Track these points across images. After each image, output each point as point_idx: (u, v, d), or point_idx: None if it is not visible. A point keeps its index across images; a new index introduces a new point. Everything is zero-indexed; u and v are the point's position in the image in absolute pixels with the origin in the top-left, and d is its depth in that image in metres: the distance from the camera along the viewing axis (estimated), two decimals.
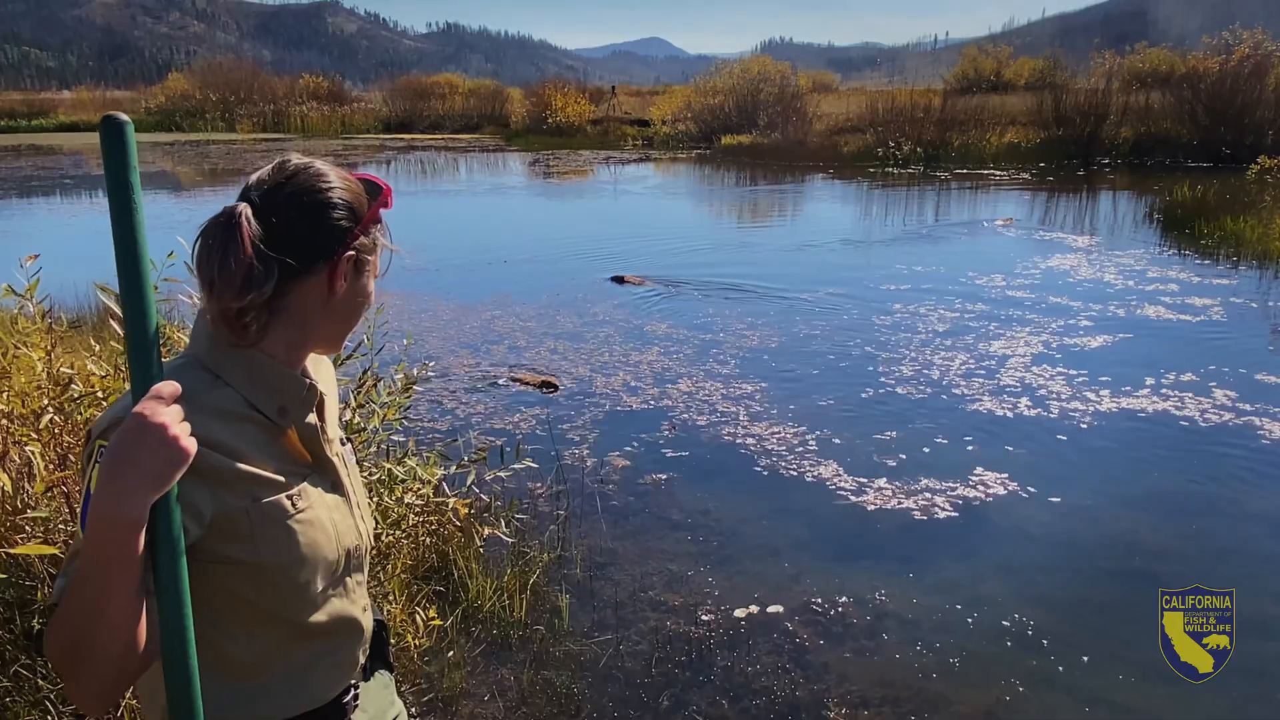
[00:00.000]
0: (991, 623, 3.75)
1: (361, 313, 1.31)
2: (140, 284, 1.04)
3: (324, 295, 1.24)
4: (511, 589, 3.82)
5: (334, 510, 1.28)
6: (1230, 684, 3.22)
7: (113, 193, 1.02)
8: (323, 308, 1.25)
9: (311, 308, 1.24)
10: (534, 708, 3.22)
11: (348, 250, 1.23)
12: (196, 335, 1.24)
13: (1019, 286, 9.91)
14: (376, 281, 1.34)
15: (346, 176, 1.25)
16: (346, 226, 1.23)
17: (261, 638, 1.22)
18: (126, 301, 1.04)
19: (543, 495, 4.90)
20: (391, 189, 1.32)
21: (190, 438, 1.07)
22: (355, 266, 1.26)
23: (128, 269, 1.04)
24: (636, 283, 10.45)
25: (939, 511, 4.70)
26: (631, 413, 6.23)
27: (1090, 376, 6.75)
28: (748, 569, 4.22)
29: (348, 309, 1.28)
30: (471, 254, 12.12)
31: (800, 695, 3.30)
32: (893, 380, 6.79)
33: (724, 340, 7.96)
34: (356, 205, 1.24)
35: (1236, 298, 9.24)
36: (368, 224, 1.26)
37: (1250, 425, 5.75)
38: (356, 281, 1.28)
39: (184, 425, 1.06)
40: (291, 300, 1.21)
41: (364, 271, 1.29)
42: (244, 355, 1.21)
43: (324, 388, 1.35)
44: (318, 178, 1.21)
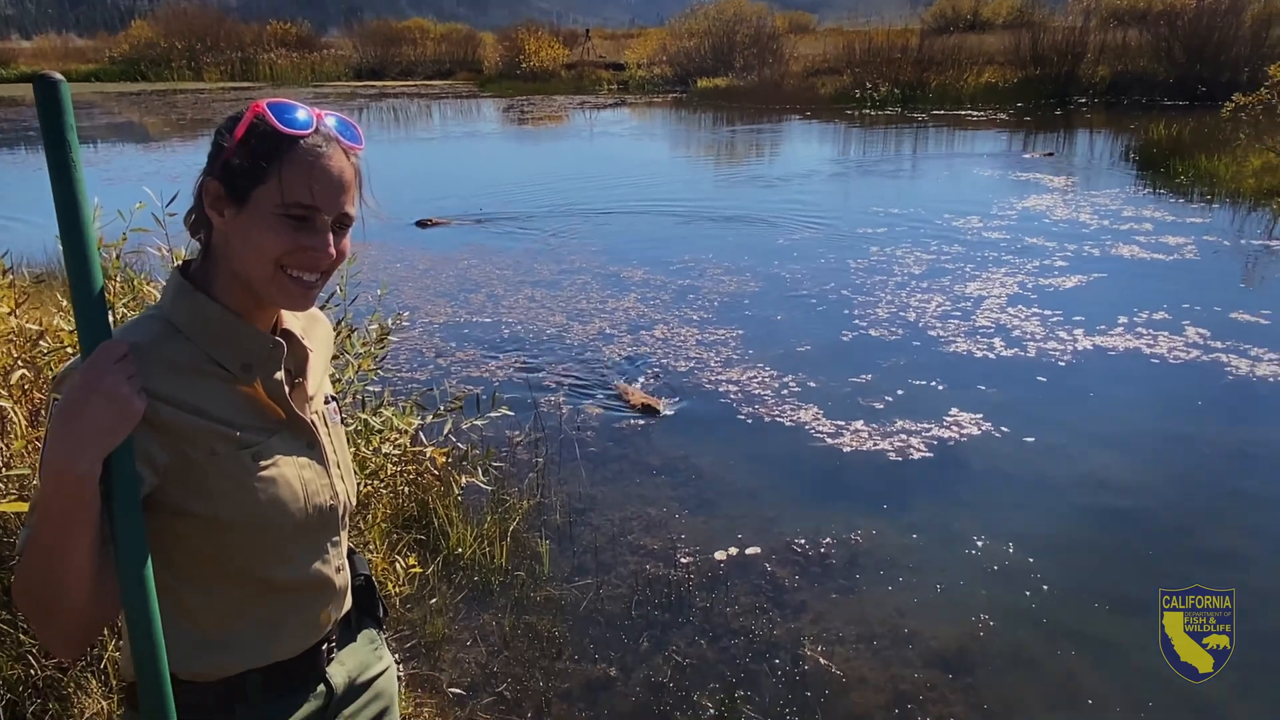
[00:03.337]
0: (965, 560, 3.81)
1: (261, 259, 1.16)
2: (83, 242, 1.03)
3: (219, 229, 1.18)
4: (492, 536, 3.85)
5: (304, 469, 1.27)
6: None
7: (50, 152, 1.01)
8: (224, 244, 1.19)
9: (216, 242, 1.20)
10: (516, 651, 3.27)
11: (212, 175, 1.17)
12: (164, 289, 1.23)
13: (995, 227, 9.92)
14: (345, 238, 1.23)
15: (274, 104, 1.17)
16: (215, 151, 1.17)
17: (225, 592, 1.22)
18: (70, 260, 1.03)
19: (521, 443, 4.91)
20: (266, 109, 1.15)
21: (140, 393, 1.06)
22: (234, 198, 1.16)
23: (69, 228, 1.03)
24: (441, 224, 10.54)
25: (914, 452, 4.75)
26: (608, 359, 6.23)
27: (1064, 316, 6.80)
28: (726, 512, 4.26)
29: (242, 248, 1.17)
30: (447, 203, 11.98)
31: (777, 634, 3.36)
32: (869, 323, 6.82)
33: (701, 286, 7.94)
34: (236, 130, 1.16)
35: (1210, 236, 9.30)
36: (234, 148, 1.15)
37: (1219, 362, 5.82)
38: (240, 215, 1.16)
39: (133, 381, 1.05)
40: (207, 234, 1.21)
41: (249, 206, 1.16)
42: (203, 307, 1.19)
43: (313, 345, 1.34)
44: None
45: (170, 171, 10.05)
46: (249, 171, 1.15)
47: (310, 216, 1.17)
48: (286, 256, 1.17)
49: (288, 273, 1.18)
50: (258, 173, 1.15)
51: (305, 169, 1.16)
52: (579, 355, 6.32)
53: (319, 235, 1.18)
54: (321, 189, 1.16)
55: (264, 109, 1.16)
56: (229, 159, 1.15)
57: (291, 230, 1.16)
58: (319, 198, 1.16)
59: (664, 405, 5.34)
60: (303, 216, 1.17)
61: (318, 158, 1.17)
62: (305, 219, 1.17)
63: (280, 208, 1.15)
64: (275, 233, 1.16)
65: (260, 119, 1.15)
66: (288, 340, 1.27)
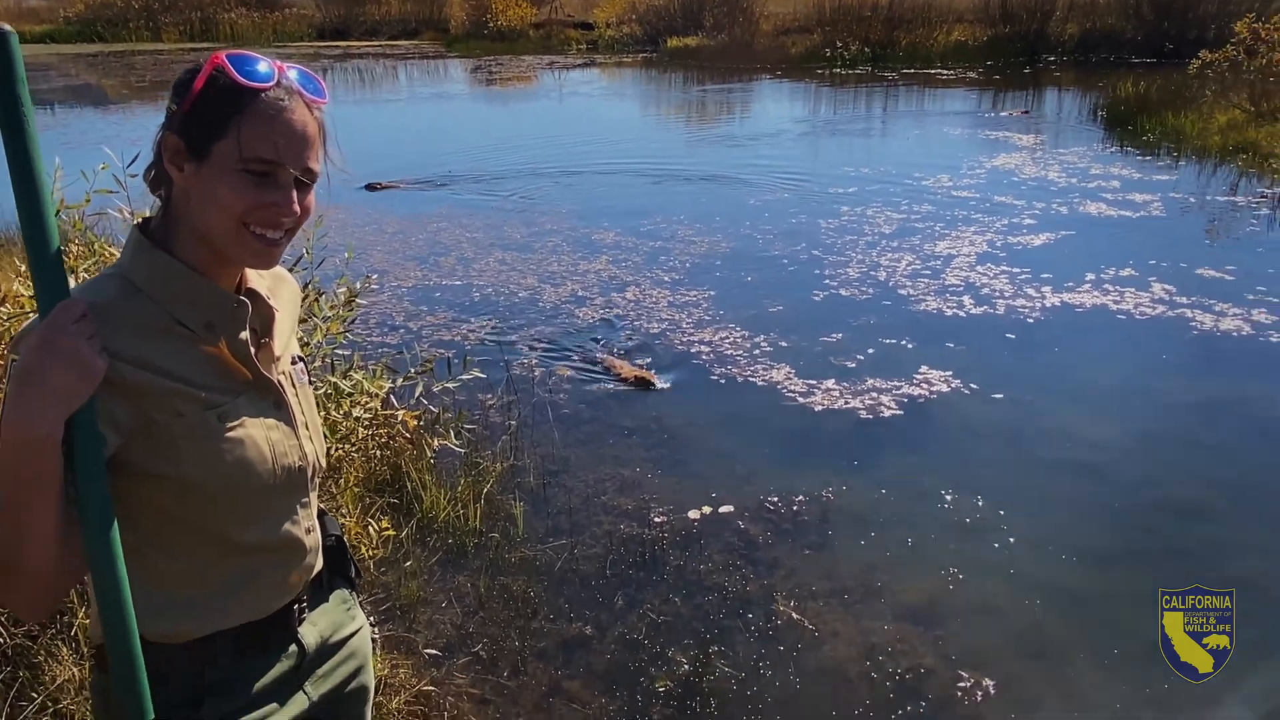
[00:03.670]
0: (934, 514, 3.87)
1: (223, 216, 1.13)
2: (38, 201, 1.01)
3: (179, 185, 1.16)
4: (465, 499, 3.85)
5: (271, 430, 1.25)
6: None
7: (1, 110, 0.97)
8: (184, 201, 1.16)
9: (176, 199, 1.17)
10: (491, 612, 3.28)
11: (170, 129, 1.14)
12: (123, 248, 1.20)
13: (965, 186, 9.95)
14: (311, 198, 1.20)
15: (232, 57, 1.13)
16: (174, 104, 1.14)
17: (193, 553, 1.21)
18: (25, 220, 1.01)
19: (494, 406, 4.90)
20: (226, 61, 1.12)
21: (101, 353, 1.04)
22: (194, 153, 1.13)
23: (24, 187, 1.00)
24: (391, 187, 10.42)
25: (885, 410, 4.79)
26: (581, 322, 6.21)
27: (1033, 274, 6.85)
28: (699, 472, 4.28)
29: (203, 205, 1.14)
30: (411, 165, 11.81)
31: (750, 590, 3.40)
32: (840, 283, 6.83)
33: (672, 247, 7.92)
34: (194, 83, 1.12)
35: (1176, 193, 9.38)
36: (193, 101, 1.11)
37: (1185, 318, 5.90)
38: (200, 171, 1.13)
39: (93, 341, 1.03)
40: (167, 190, 1.18)
41: (209, 161, 1.12)
42: (164, 265, 1.16)
43: (279, 305, 1.32)
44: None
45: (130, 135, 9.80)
46: (208, 125, 1.12)
47: (272, 172, 1.14)
48: (249, 214, 1.14)
49: (251, 230, 1.15)
50: (217, 127, 1.12)
51: (266, 123, 1.12)
52: (551, 318, 6.29)
53: (282, 191, 1.15)
54: (284, 143, 1.13)
55: (223, 61, 1.12)
56: (188, 112, 1.12)
57: (253, 186, 1.13)
58: (281, 152, 1.13)
59: (658, 379, 5.21)
60: (264, 172, 1.14)
61: (279, 111, 1.13)
62: (267, 175, 1.14)
63: (241, 163, 1.12)
64: (237, 189, 1.13)
65: (219, 71, 1.12)
66: (252, 299, 1.25)
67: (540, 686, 2.93)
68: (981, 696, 2.86)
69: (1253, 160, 10.51)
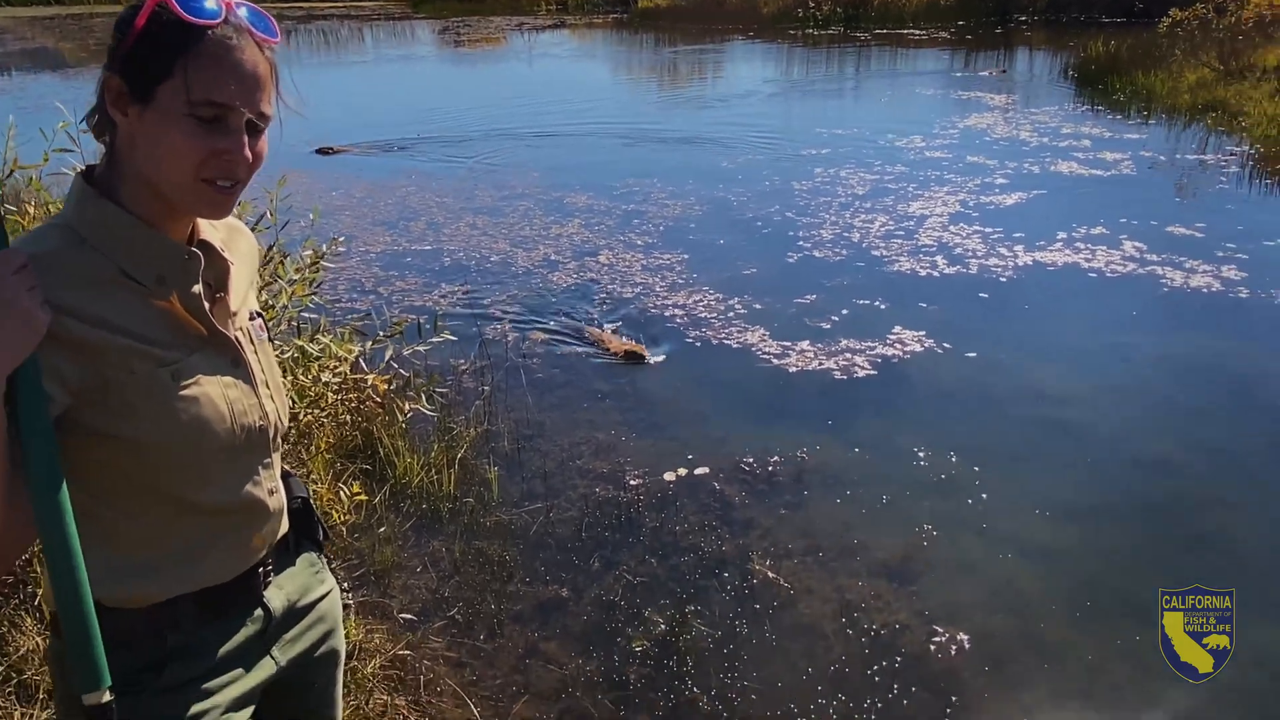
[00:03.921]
0: (908, 473, 3.88)
1: (172, 165, 1.07)
2: None
3: (123, 129, 1.09)
4: (439, 464, 3.81)
5: (229, 388, 1.20)
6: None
7: None
8: (129, 146, 1.10)
9: (121, 145, 1.11)
10: (466, 576, 3.26)
11: (112, 70, 1.07)
12: (67, 197, 1.14)
13: (937, 147, 9.94)
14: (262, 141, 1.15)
15: None
16: (116, 43, 1.08)
17: (150, 516, 1.16)
18: None
19: (467, 371, 4.85)
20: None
21: (44, 306, 0.99)
22: (137, 95, 1.06)
23: None
24: (343, 151, 10.25)
25: (859, 370, 4.80)
26: (554, 286, 6.15)
27: (1005, 233, 6.86)
28: (674, 434, 4.27)
29: (150, 152, 1.08)
30: (378, 129, 11.62)
31: (726, 550, 3.40)
32: (814, 244, 6.81)
33: (646, 211, 7.85)
34: (136, 20, 1.05)
35: (1146, 151, 9.42)
36: (135, 40, 1.05)
37: (1155, 275, 5.94)
38: (145, 114, 1.06)
39: (34, 293, 0.98)
40: (112, 135, 1.12)
41: (154, 104, 1.06)
42: (110, 215, 1.10)
43: (234, 258, 1.26)
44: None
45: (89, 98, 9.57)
46: (152, 66, 1.05)
47: (221, 116, 1.08)
48: (200, 164, 1.09)
49: (201, 179, 1.10)
50: (162, 67, 1.05)
51: (213, 63, 1.06)
52: (524, 282, 6.23)
53: (232, 137, 1.09)
54: (233, 85, 1.07)
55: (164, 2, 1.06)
56: (129, 51, 1.06)
57: (202, 133, 1.07)
58: (230, 95, 1.07)
59: (650, 353, 5.04)
60: (214, 117, 1.08)
61: (228, 51, 1.07)
62: (217, 119, 1.08)
63: (188, 107, 1.06)
64: (184, 135, 1.07)
65: (163, 7, 1.05)
66: (205, 251, 1.20)
67: (516, 649, 2.92)
68: (955, 651, 2.88)
69: (1221, 118, 10.57)
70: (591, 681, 2.79)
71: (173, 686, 1.20)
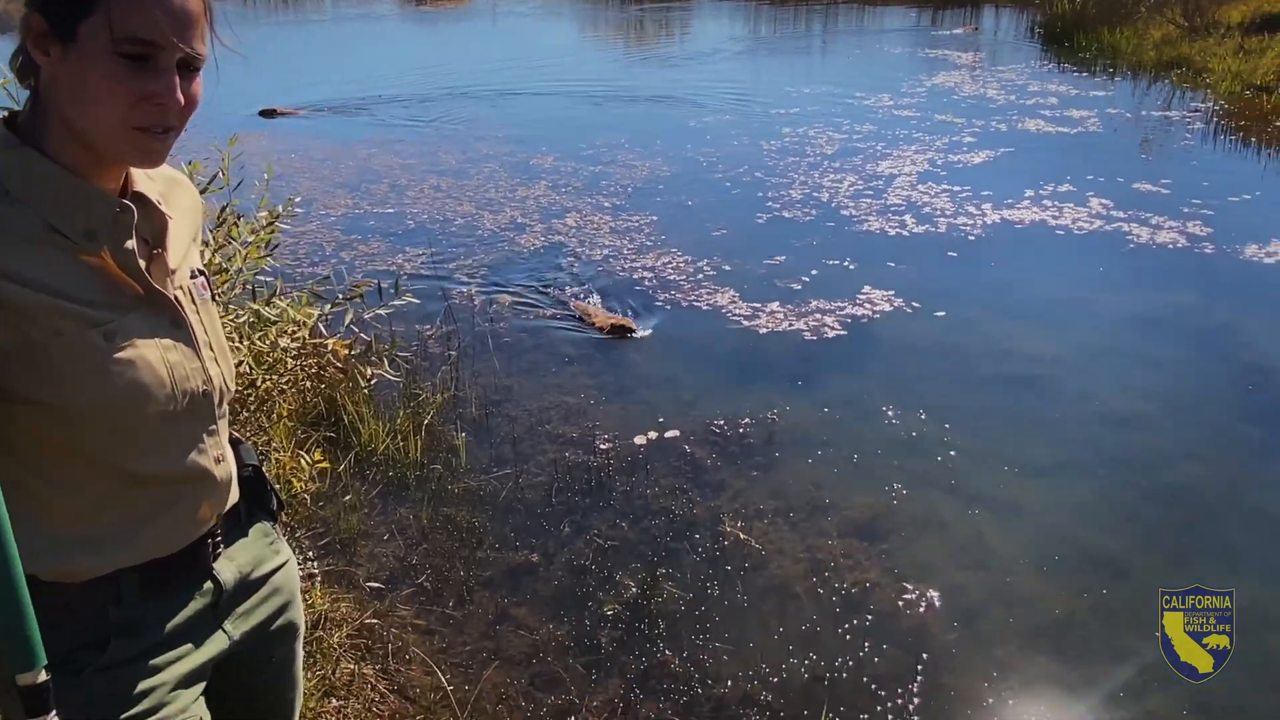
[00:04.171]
0: (878, 432, 3.87)
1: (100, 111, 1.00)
2: None
3: (47, 72, 1.02)
4: (405, 431, 3.75)
5: (169, 351, 1.14)
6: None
7: None
8: (53, 90, 1.02)
9: (46, 89, 1.03)
10: (435, 543, 3.22)
11: (32, 7, 0.99)
12: None
13: (905, 105, 9.88)
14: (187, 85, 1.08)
15: None
16: None
17: (87, 486, 1.10)
18: None
19: (432, 337, 4.78)
20: None
21: None
22: (59, 33, 0.98)
23: None
24: (289, 113, 9.99)
25: (829, 331, 4.77)
26: (521, 249, 6.06)
27: (973, 192, 6.85)
28: (644, 397, 4.23)
29: (75, 96, 1.00)
30: (345, 90, 11.36)
31: (697, 513, 3.38)
32: (783, 204, 6.76)
33: (613, 172, 7.75)
34: None
35: (1112, 108, 9.43)
36: None
37: (1121, 231, 5.96)
38: (68, 55, 0.99)
39: None
40: (36, 79, 1.04)
41: (78, 43, 0.99)
42: (34, 164, 1.03)
43: (173, 212, 1.19)
44: None
45: None
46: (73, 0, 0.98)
47: (149, 55, 1.00)
48: (128, 109, 1.01)
49: (131, 126, 1.02)
50: (83, 1, 0.97)
51: None
52: (490, 245, 6.13)
53: (162, 78, 1.01)
54: (162, 19, 0.99)
55: None
56: None
57: (129, 74, 0.99)
58: (157, 30, 0.99)
59: (638, 326, 4.88)
60: (142, 55, 1.00)
61: None
62: (145, 58, 1.00)
63: (111, 44, 0.97)
64: (110, 78, 0.99)
65: None
66: (140, 204, 1.12)
67: (486, 615, 2.89)
68: (925, 608, 2.89)
69: (1186, 75, 10.59)
70: (563, 646, 2.76)
71: (116, 664, 1.14)
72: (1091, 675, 2.63)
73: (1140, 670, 2.62)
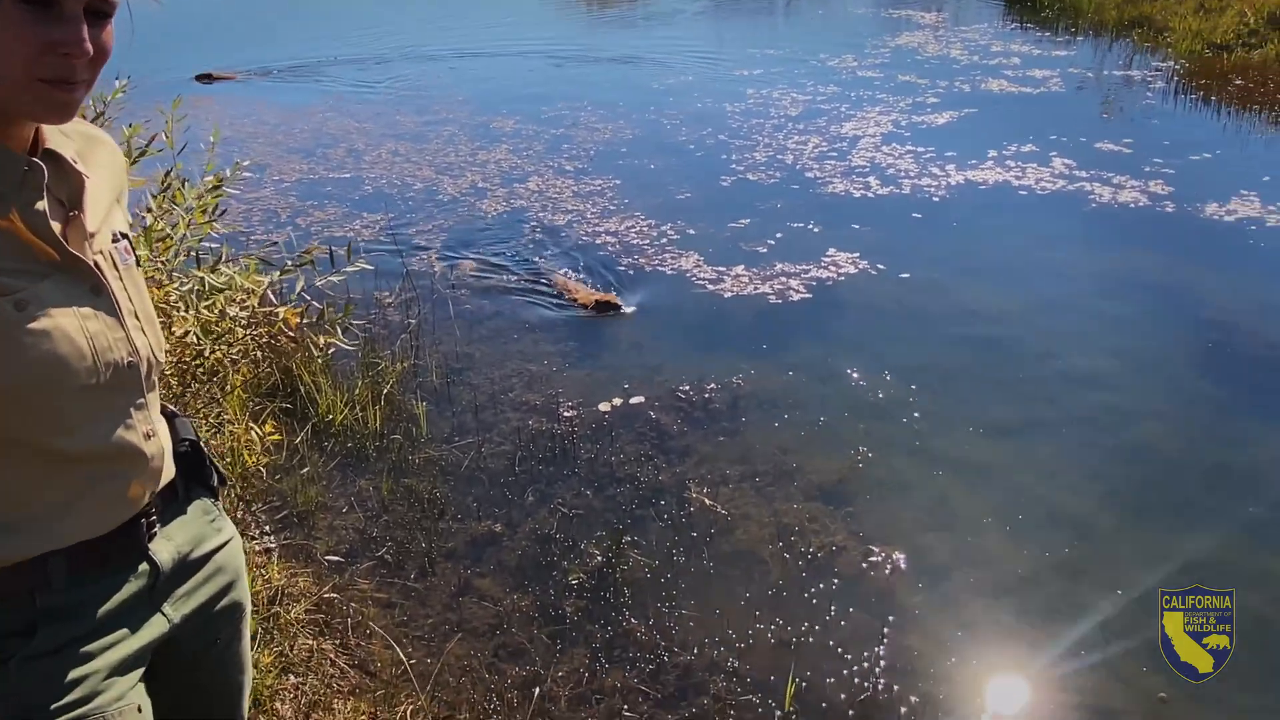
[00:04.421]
0: (843, 395, 3.86)
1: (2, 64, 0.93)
2: None
3: None
4: (364, 401, 3.67)
5: (89, 320, 1.06)
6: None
7: None
8: None
9: None
10: (396, 515, 3.16)
11: None
12: None
13: (869, 66, 9.81)
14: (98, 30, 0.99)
15: None
16: None
17: (5, 465, 1.03)
18: None
19: (392, 304, 4.68)
20: None
21: None
22: None
23: None
24: (226, 78, 9.73)
25: (794, 294, 4.74)
26: (482, 214, 5.96)
27: (937, 152, 6.82)
28: (609, 364, 4.18)
29: None
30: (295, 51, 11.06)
31: (663, 479, 3.35)
32: (747, 167, 6.69)
33: (575, 135, 7.62)
34: None
35: (1074, 68, 9.42)
36: None
37: (1084, 191, 5.96)
38: None
39: None
40: None
41: None
42: None
43: (91, 171, 1.11)
44: None
45: None
46: None
47: (53, 1, 0.92)
48: (32, 60, 0.93)
49: (37, 78, 0.94)
50: None
51: None
52: (450, 211, 6.02)
53: (68, 25, 0.93)
54: None
55: None
56: None
57: (31, 21, 0.91)
58: None
59: (624, 302, 4.69)
60: (44, 1, 0.92)
61: None
62: (48, 4, 0.92)
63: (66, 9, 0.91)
64: (11, 26, 0.91)
65: None
66: (53, 163, 1.05)
67: (449, 587, 2.85)
68: (891, 570, 2.88)
69: (1147, 34, 10.61)
70: (527, 617, 2.73)
71: (45, 651, 1.08)
72: (1055, 632, 2.64)
73: (1101, 625, 2.64)
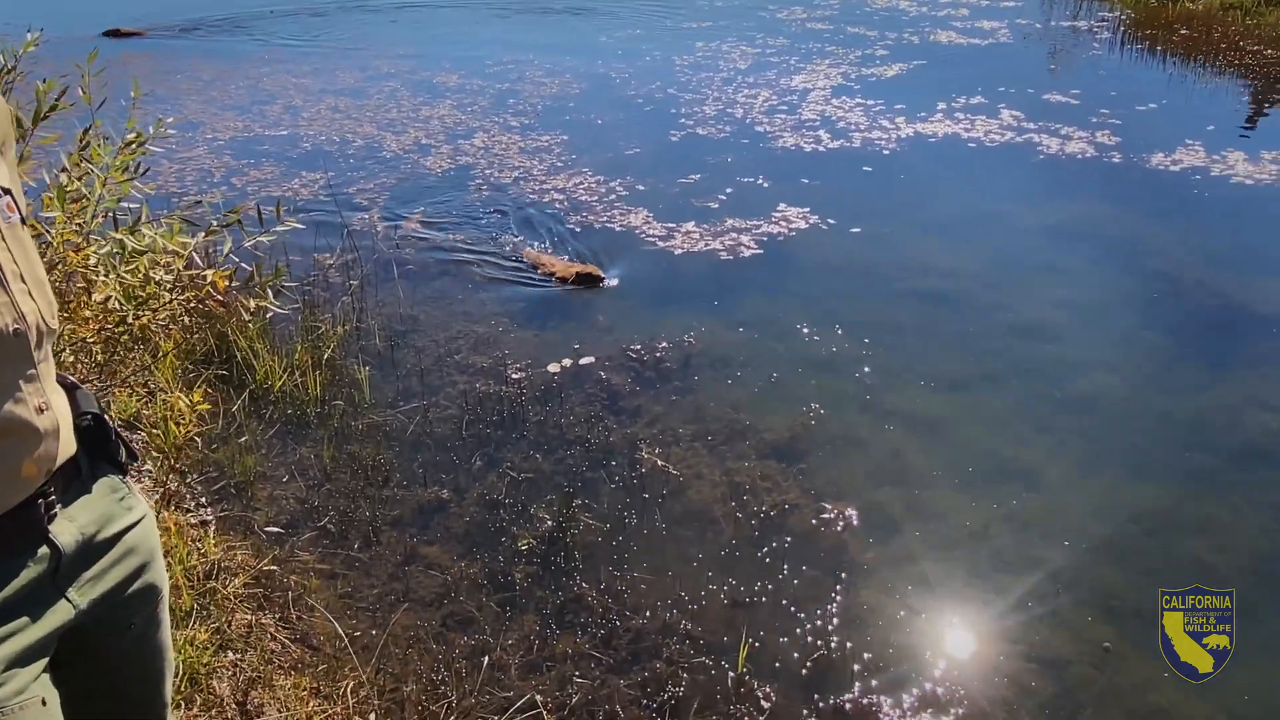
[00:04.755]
0: (795, 351, 3.82)
1: None
2: None
3: None
4: (304, 366, 3.55)
5: None
6: None
7: None
8: None
9: None
10: (339, 483, 3.07)
11: None
12: None
13: (819, 18, 9.71)
14: None
15: None
16: None
17: None
18: None
19: (332, 266, 4.54)
20: None
21: None
22: None
23: None
24: (135, 34, 9.41)
25: (745, 250, 4.68)
26: (426, 172, 5.80)
27: (887, 105, 6.77)
28: (558, 324, 4.10)
29: None
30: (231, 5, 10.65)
31: (614, 440, 3.29)
32: (696, 121, 6.59)
33: (521, 90, 7.45)
34: None
35: (1022, 19, 9.41)
36: None
37: (1032, 143, 5.96)
38: None
39: None
40: None
41: None
42: None
43: None
44: None
45: None
46: None
47: None
48: None
49: None
50: None
51: None
52: (393, 169, 5.85)
53: None
54: None
55: None
56: None
57: None
58: None
59: (606, 274, 4.49)
60: None
61: None
62: None
63: None
64: None
65: None
66: None
67: (395, 556, 2.77)
68: (843, 526, 2.87)
69: None
70: (476, 584, 2.67)
71: None
72: (1004, 584, 2.64)
73: (1050, 576, 2.65)
